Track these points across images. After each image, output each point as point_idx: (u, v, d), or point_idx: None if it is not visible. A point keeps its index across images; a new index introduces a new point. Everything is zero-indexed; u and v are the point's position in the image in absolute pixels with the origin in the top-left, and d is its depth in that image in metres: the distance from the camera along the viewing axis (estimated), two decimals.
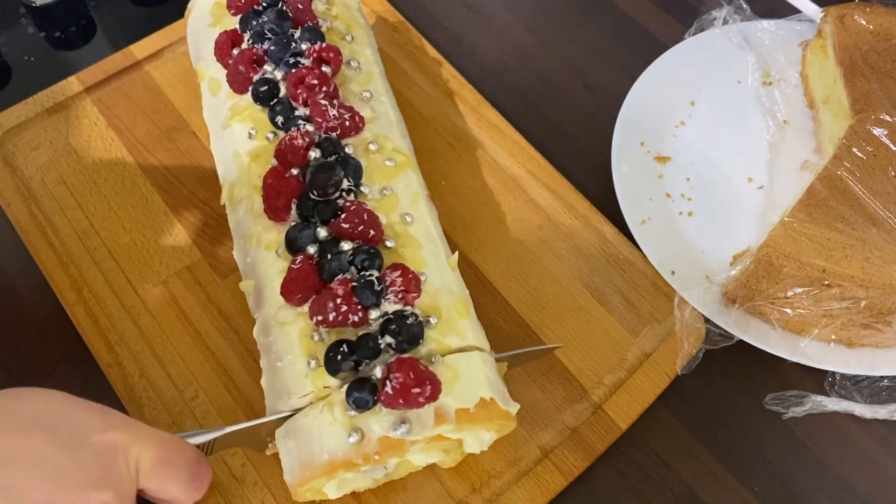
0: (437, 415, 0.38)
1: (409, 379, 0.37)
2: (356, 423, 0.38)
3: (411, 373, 0.37)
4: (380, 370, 0.39)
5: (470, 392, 0.39)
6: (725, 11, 0.64)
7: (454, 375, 0.39)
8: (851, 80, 0.55)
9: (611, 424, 0.47)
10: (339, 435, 0.38)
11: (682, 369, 0.49)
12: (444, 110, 0.60)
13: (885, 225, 0.49)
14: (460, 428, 0.39)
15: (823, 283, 0.48)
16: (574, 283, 0.52)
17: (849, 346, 0.50)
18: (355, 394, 0.38)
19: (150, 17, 0.67)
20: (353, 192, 0.45)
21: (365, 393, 0.38)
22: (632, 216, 0.54)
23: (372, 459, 0.38)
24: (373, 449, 0.38)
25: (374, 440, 0.38)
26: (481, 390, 0.39)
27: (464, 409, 0.39)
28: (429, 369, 0.38)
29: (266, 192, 0.44)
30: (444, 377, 0.39)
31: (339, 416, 0.38)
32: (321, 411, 0.39)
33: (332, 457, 0.38)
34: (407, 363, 0.38)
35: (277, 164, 0.45)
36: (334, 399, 0.39)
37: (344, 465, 0.38)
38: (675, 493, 0.47)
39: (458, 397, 0.39)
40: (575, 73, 0.65)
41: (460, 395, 0.39)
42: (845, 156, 0.52)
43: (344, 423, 0.38)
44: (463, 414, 0.39)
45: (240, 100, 0.49)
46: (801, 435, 0.49)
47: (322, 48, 0.48)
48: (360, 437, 0.38)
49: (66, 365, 0.49)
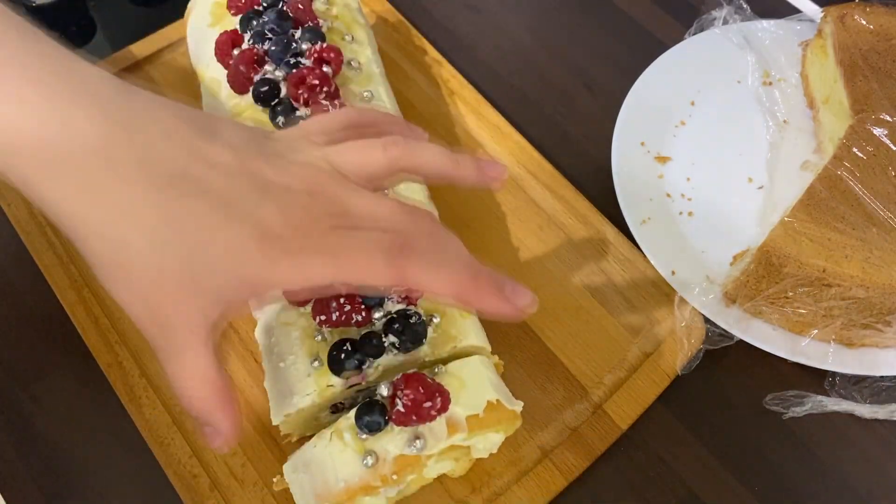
0: (449, 425, 0.38)
1: (419, 394, 0.37)
2: (369, 447, 0.38)
3: (420, 388, 0.37)
4: (385, 389, 0.38)
5: (477, 397, 0.39)
6: (725, 11, 0.64)
7: (460, 383, 0.39)
8: (851, 80, 0.55)
9: (611, 424, 0.47)
10: (352, 461, 0.38)
11: (682, 369, 0.49)
12: (444, 110, 0.60)
13: (885, 225, 0.49)
14: (472, 434, 0.39)
15: (823, 283, 0.48)
16: (574, 283, 0.52)
17: (849, 346, 0.50)
18: (366, 418, 0.38)
19: (150, 17, 0.67)
20: None
21: (376, 415, 0.38)
22: (632, 216, 0.54)
23: (390, 480, 0.38)
24: (389, 469, 0.38)
25: (390, 460, 0.38)
26: (487, 394, 0.40)
27: (474, 416, 0.39)
28: (436, 381, 0.38)
29: None
30: (451, 386, 0.39)
31: (349, 441, 0.38)
32: (329, 440, 0.39)
33: (348, 484, 0.38)
34: (414, 379, 0.38)
35: None
36: (342, 426, 0.39)
37: (362, 490, 0.38)
38: (675, 493, 0.47)
39: (467, 404, 0.39)
40: (575, 73, 0.65)
41: (468, 401, 0.39)
42: (845, 156, 0.52)
43: (356, 447, 0.38)
44: (473, 420, 0.39)
45: (240, 100, 0.49)
46: (801, 435, 0.49)
47: (322, 48, 0.48)
48: (374, 460, 0.37)
49: (66, 365, 0.49)
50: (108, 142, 0.30)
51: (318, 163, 0.34)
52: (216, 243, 0.31)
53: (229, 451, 0.45)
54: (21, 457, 0.46)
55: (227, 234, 0.31)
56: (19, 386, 0.49)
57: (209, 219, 0.31)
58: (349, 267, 0.32)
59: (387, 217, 0.33)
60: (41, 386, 0.49)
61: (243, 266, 0.31)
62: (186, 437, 0.46)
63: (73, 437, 0.47)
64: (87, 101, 0.30)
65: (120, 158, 0.30)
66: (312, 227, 0.32)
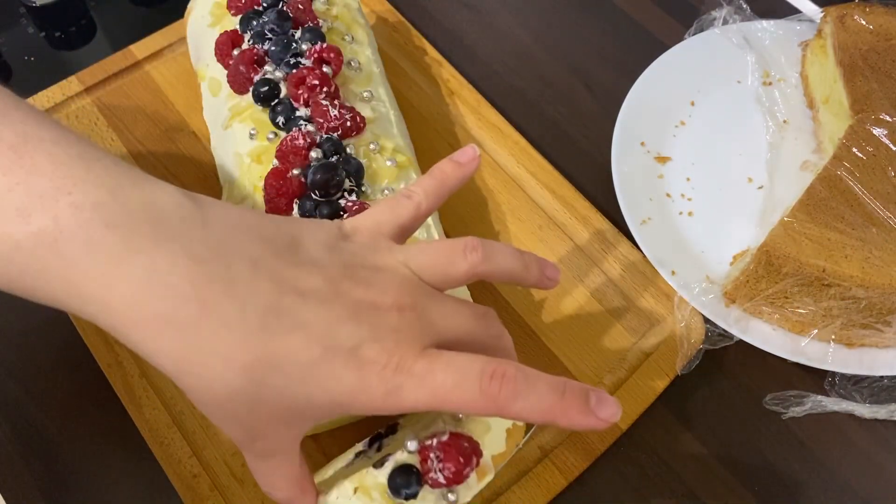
0: (478, 472, 0.37)
1: (459, 465, 0.36)
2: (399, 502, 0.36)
3: (460, 458, 0.36)
4: (413, 444, 0.36)
5: (498, 434, 0.38)
6: (725, 11, 0.64)
7: (485, 427, 0.38)
8: (851, 80, 0.55)
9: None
10: None
11: (682, 369, 0.49)
12: (444, 110, 0.60)
13: (885, 225, 0.49)
14: (496, 468, 0.38)
15: (823, 283, 0.48)
16: (574, 283, 0.52)
17: (849, 346, 0.50)
18: (405, 491, 0.36)
19: (150, 17, 0.67)
20: (355, 192, 0.45)
21: (413, 486, 0.36)
22: (632, 216, 0.54)
23: None
24: None
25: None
26: (504, 423, 0.39)
27: (498, 454, 0.38)
28: (471, 439, 0.37)
29: (267, 193, 0.44)
30: (477, 432, 0.37)
31: (378, 499, 0.36)
32: (353, 493, 0.36)
33: None
34: (452, 448, 0.36)
35: (278, 165, 0.45)
36: (368, 483, 0.36)
37: None
38: (675, 493, 0.47)
39: (492, 446, 0.38)
40: (575, 73, 0.65)
41: (493, 443, 0.38)
42: (845, 156, 0.52)
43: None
44: (498, 457, 0.38)
45: (240, 100, 0.49)
46: (801, 435, 0.49)
47: (323, 48, 0.48)
48: None
49: (66, 365, 0.49)
50: (196, 285, 0.31)
51: (400, 270, 0.35)
52: (315, 379, 0.32)
53: (229, 452, 0.45)
54: (21, 457, 0.46)
55: (325, 369, 0.32)
56: (19, 386, 0.49)
57: (306, 354, 0.31)
58: (443, 395, 0.32)
59: (463, 324, 0.35)
60: (41, 386, 0.49)
61: (341, 396, 0.32)
62: (186, 437, 0.46)
63: (73, 437, 0.47)
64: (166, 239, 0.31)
65: (211, 301, 0.31)
66: (405, 353, 0.32)
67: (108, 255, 0.30)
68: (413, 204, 0.38)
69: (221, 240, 0.32)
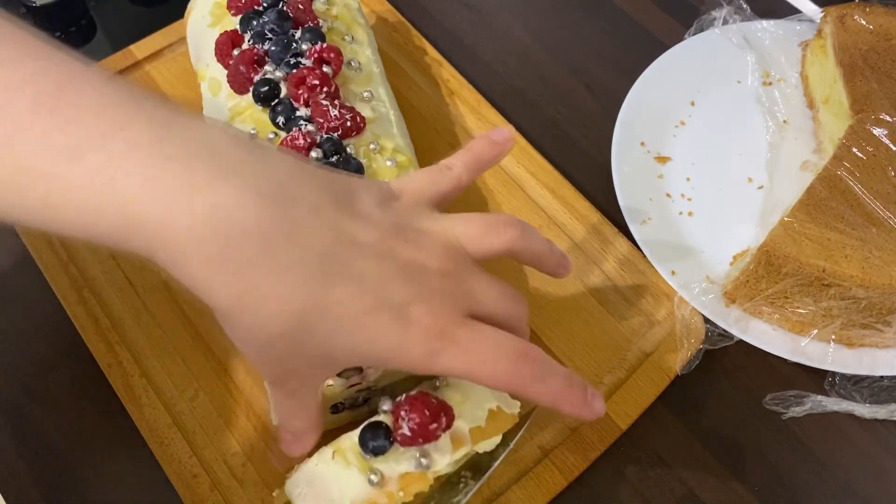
0: (454, 439, 0.38)
1: (424, 417, 0.36)
2: (373, 465, 0.38)
3: (426, 410, 0.37)
4: (387, 404, 0.38)
5: (478, 408, 0.39)
6: (725, 11, 0.64)
7: (462, 396, 0.39)
8: (851, 80, 0.55)
9: (611, 424, 0.47)
10: (357, 479, 0.37)
11: (682, 369, 0.49)
12: (444, 110, 0.60)
13: (885, 225, 0.49)
14: (475, 444, 0.39)
15: (823, 283, 0.48)
16: (574, 283, 0.52)
17: (849, 346, 0.50)
18: (371, 443, 0.37)
19: (150, 17, 0.67)
20: None
21: (381, 440, 0.37)
22: (632, 216, 0.54)
23: (396, 497, 0.37)
24: (395, 487, 0.37)
25: (396, 478, 0.37)
26: (488, 402, 0.39)
27: (476, 427, 0.38)
28: (440, 399, 0.38)
29: None
30: (453, 400, 0.38)
31: (353, 460, 0.38)
32: (332, 458, 0.38)
33: (354, 502, 0.37)
34: (419, 401, 0.37)
35: None
36: (344, 446, 0.38)
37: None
38: (675, 493, 0.47)
39: (470, 417, 0.39)
40: (575, 73, 0.65)
41: (470, 414, 0.39)
42: (845, 156, 0.52)
43: (360, 466, 0.38)
44: (476, 431, 0.38)
45: (240, 100, 0.49)
46: (801, 435, 0.49)
47: (323, 48, 0.48)
48: (380, 478, 0.37)
49: (66, 365, 0.49)
50: (260, 223, 0.30)
51: (445, 236, 0.36)
52: (362, 330, 0.32)
53: (229, 452, 0.45)
54: (21, 457, 0.46)
55: (373, 322, 0.32)
56: (19, 386, 0.49)
57: (359, 305, 0.32)
58: (478, 367, 0.33)
59: (497, 300, 0.36)
60: (41, 386, 0.49)
61: (383, 351, 0.33)
62: (186, 437, 0.46)
63: (73, 437, 0.47)
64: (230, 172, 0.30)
65: (274, 241, 0.30)
66: (448, 317, 0.33)
67: (168, 191, 0.29)
68: (455, 175, 0.39)
69: (282, 181, 0.32)
